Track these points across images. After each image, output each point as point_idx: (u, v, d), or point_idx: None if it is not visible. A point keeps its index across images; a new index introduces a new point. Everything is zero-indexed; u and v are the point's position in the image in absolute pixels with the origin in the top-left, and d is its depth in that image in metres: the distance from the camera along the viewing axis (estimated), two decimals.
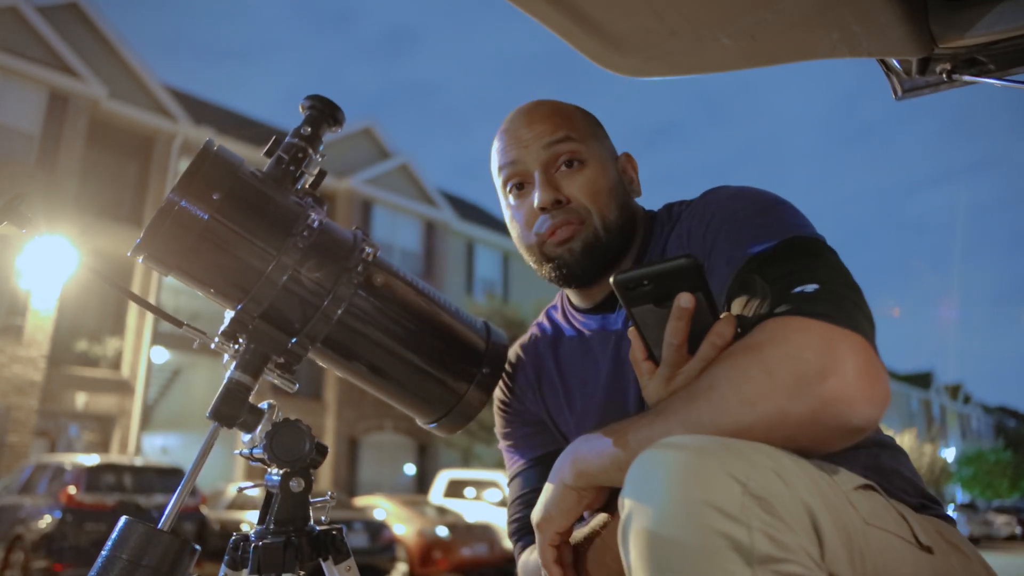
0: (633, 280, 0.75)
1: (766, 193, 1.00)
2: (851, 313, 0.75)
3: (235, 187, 0.96)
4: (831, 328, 0.72)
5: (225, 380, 0.99)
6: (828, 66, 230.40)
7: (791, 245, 0.87)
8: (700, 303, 0.75)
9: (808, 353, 0.70)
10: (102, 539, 0.86)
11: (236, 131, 16.92)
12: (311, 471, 1.04)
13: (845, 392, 0.68)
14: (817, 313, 0.74)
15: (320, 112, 1.05)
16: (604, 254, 1.08)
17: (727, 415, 0.71)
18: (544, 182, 1.08)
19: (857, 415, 0.69)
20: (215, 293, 1.01)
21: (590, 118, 1.17)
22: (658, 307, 0.76)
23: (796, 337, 0.72)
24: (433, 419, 1.14)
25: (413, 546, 10.78)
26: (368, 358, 1.08)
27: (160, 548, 0.85)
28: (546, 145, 1.09)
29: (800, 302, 0.76)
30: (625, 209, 1.12)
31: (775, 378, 0.70)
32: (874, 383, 0.70)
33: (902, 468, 1.03)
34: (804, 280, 0.80)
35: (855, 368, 0.69)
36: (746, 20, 1.30)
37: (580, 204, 1.08)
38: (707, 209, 1.01)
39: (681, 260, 0.73)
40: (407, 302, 1.09)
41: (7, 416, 13.08)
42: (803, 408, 0.68)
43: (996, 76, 1.49)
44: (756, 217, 0.93)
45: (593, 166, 1.10)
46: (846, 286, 0.80)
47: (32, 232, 0.98)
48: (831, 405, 0.68)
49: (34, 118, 14.41)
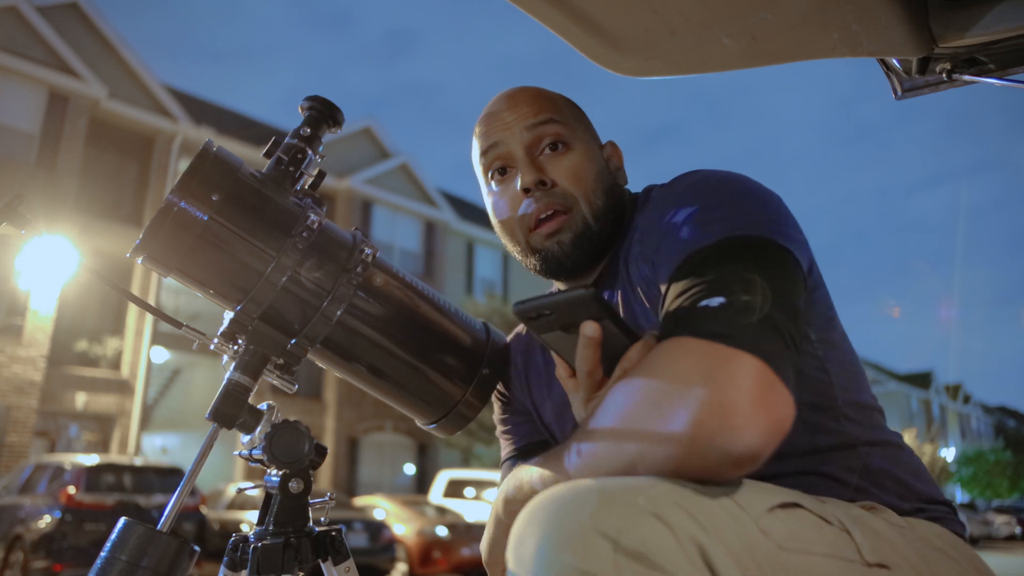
0: (534, 311, 0.74)
1: (737, 183, 0.92)
2: (751, 331, 0.69)
3: (234, 188, 0.96)
4: (720, 350, 0.67)
5: (224, 381, 0.99)
6: (827, 67, 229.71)
7: (723, 248, 0.81)
8: (608, 329, 0.75)
9: (692, 378, 0.65)
10: (102, 539, 0.85)
11: (236, 131, 16.92)
12: (310, 472, 1.04)
13: (725, 420, 0.62)
14: (708, 332, 0.69)
15: (319, 113, 1.04)
16: (594, 244, 1.04)
17: (614, 453, 0.68)
18: (528, 162, 1.04)
19: (740, 444, 0.62)
20: (214, 294, 1.01)
21: (573, 105, 1.14)
22: (566, 333, 0.76)
23: (682, 362, 0.68)
24: (433, 420, 1.14)
25: (413, 546, 10.78)
26: (367, 359, 1.08)
27: (159, 549, 0.85)
28: (529, 127, 1.06)
29: (696, 320, 0.72)
30: (612, 195, 1.07)
31: (659, 409, 0.66)
32: (765, 409, 0.64)
33: (896, 468, 0.96)
34: (714, 291, 0.74)
35: (740, 393, 0.64)
36: (746, 20, 1.30)
37: (565, 189, 1.03)
38: (669, 198, 0.95)
39: (579, 292, 0.72)
40: (406, 303, 1.09)
41: (7, 416, 13.07)
42: (682, 439, 0.63)
43: (996, 76, 1.49)
44: (707, 212, 0.87)
45: (578, 150, 1.06)
46: (762, 299, 0.73)
47: (32, 232, 0.98)
48: (710, 435, 0.62)
49: (34, 118, 14.40)
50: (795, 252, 0.83)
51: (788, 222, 0.88)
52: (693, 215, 0.87)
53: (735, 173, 0.93)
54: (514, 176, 1.06)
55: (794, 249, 0.83)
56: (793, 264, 0.82)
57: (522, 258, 1.09)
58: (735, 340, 0.68)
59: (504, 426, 1.24)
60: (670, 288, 0.81)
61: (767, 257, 0.80)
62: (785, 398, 0.66)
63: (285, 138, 1.04)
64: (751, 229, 0.83)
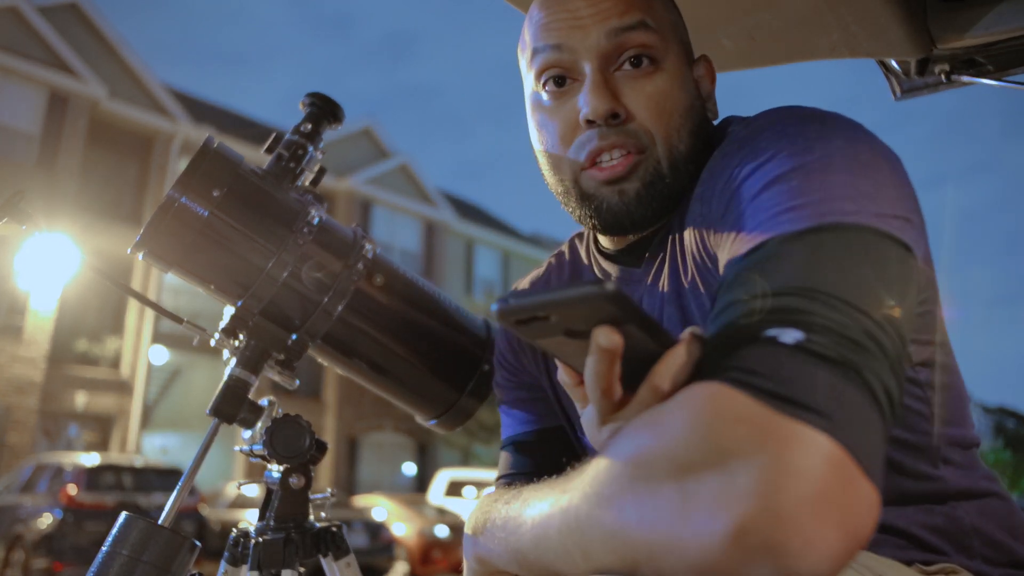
0: (524, 312, 0.51)
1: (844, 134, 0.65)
2: (834, 395, 0.47)
3: (235, 184, 0.97)
4: (783, 424, 0.45)
5: (225, 377, 0.99)
6: (822, 70, 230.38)
7: (812, 242, 0.56)
8: (631, 335, 0.52)
9: (733, 460, 0.45)
10: (102, 538, 0.86)
11: (236, 131, 16.92)
12: (311, 467, 1.04)
13: (778, 531, 0.43)
14: (770, 392, 0.47)
15: (320, 109, 1.05)
16: (663, 199, 0.79)
17: (616, 541, 0.49)
18: (599, 83, 0.77)
19: (796, 565, 0.43)
20: (215, 290, 1.01)
21: (670, 2, 0.85)
22: (571, 339, 0.54)
23: (722, 431, 0.46)
24: (433, 416, 1.14)
25: (413, 546, 10.78)
26: (368, 355, 1.08)
27: (160, 544, 0.85)
28: (612, 31, 0.77)
29: (757, 362, 0.49)
30: (698, 136, 0.81)
31: (684, 493, 0.46)
32: (836, 517, 0.44)
33: (989, 526, 0.75)
34: (788, 318, 0.51)
35: (804, 493, 0.43)
36: (745, 21, 1.30)
37: (641, 125, 0.77)
38: (748, 144, 0.69)
39: (589, 289, 0.49)
40: (407, 299, 1.09)
41: (7, 416, 13.07)
42: (713, 548, 0.44)
43: (995, 77, 1.49)
44: (795, 178, 0.61)
45: (669, 72, 0.79)
46: (856, 335, 0.50)
47: (32, 228, 0.98)
48: (753, 549, 0.43)
49: (34, 118, 14.40)
50: (913, 246, 0.59)
51: (908, 198, 0.64)
52: (776, 179, 0.62)
53: (844, 118, 0.69)
54: (575, 92, 0.79)
55: (913, 241, 0.60)
56: (908, 267, 0.58)
57: (563, 200, 0.84)
58: (807, 409, 0.46)
59: (503, 400, 1.00)
60: (728, 286, 0.59)
61: (876, 260, 0.56)
62: (867, 500, 0.46)
63: (286, 135, 1.05)
64: (859, 213, 0.58)
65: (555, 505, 0.56)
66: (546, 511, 0.57)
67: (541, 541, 0.57)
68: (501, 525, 0.64)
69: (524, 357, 0.98)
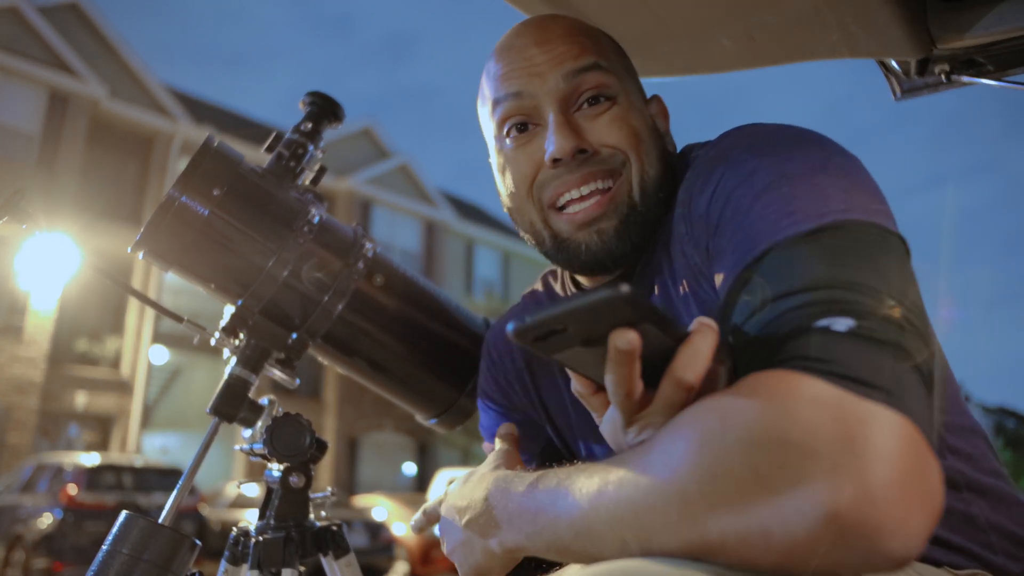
0: (543, 327, 0.51)
1: (813, 144, 0.69)
2: (895, 376, 0.49)
3: (236, 183, 0.97)
4: (859, 405, 0.46)
5: (225, 376, 0.99)
6: (821, 72, 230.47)
7: (822, 240, 0.58)
8: (647, 333, 0.53)
9: (816, 443, 0.45)
10: (102, 538, 0.86)
11: (236, 130, 16.92)
12: (311, 466, 1.04)
13: (872, 511, 0.43)
14: (840, 375, 0.48)
15: (320, 108, 1.05)
16: (640, 230, 0.80)
17: (683, 522, 0.48)
18: (562, 123, 0.78)
19: (888, 546, 0.44)
20: (216, 289, 1.01)
21: (617, 45, 0.88)
22: (588, 348, 0.54)
23: (802, 415, 0.46)
24: (434, 415, 1.14)
25: (413, 546, 10.78)
26: (369, 354, 1.08)
27: (161, 543, 0.85)
28: (568, 74, 0.79)
29: (818, 349, 0.50)
30: (665, 163, 0.83)
31: (762, 476, 0.45)
32: (921, 495, 0.45)
33: (1006, 519, 0.76)
34: (836, 307, 0.52)
35: (889, 474, 0.44)
36: (745, 21, 1.30)
37: (614, 152, 0.80)
38: (724, 163, 0.71)
39: (606, 294, 0.49)
40: (407, 298, 1.09)
41: (7, 416, 13.07)
42: (800, 530, 0.44)
43: (994, 77, 1.49)
44: (781, 185, 0.63)
45: (625, 105, 0.82)
46: (905, 322, 0.53)
47: (32, 228, 0.98)
48: (847, 528, 0.43)
49: (34, 118, 14.41)
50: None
51: (878, 191, 0.67)
52: (765, 190, 0.64)
53: (803, 129, 0.72)
54: (538, 136, 0.81)
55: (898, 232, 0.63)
56: (907, 255, 0.61)
57: (537, 245, 0.85)
58: (880, 390, 0.47)
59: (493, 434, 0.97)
60: (746, 288, 0.60)
61: (883, 251, 0.58)
62: (937, 474, 0.47)
63: (286, 134, 1.05)
64: (850, 210, 0.60)
65: (601, 495, 0.54)
66: (588, 502, 0.55)
67: (584, 532, 0.55)
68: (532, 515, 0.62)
69: (513, 394, 0.98)
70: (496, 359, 0.99)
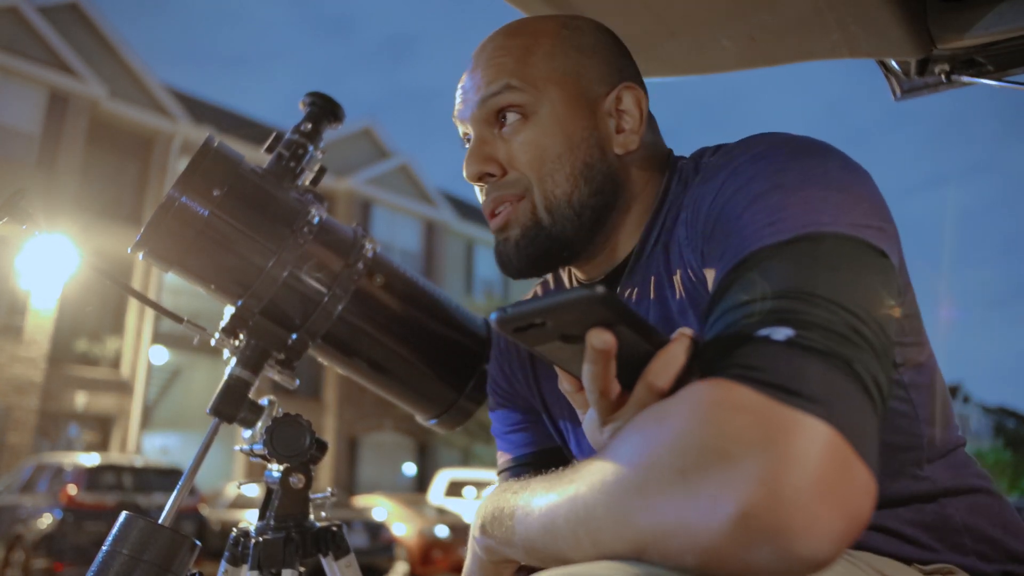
0: (522, 319, 0.55)
1: (817, 155, 0.69)
2: (827, 384, 0.50)
3: (236, 183, 0.97)
4: (782, 412, 0.48)
5: (225, 376, 0.99)
6: (819, 73, 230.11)
7: (796, 250, 0.60)
8: (624, 336, 0.56)
9: (739, 446, 0.47)
10: (102, 538, 0.86)
11: (236, 131, 16.92)
12: (311, 467, 1.04)
13: (782, 513, 0.45)
14: (767, 383, 0.50)
15: (320, 108, 1.05)
16: (549, 243, 0.83)
17: (622, 526, 0.51)
18: (472, 150, 0.85)
19: (800, 547, 0.45)
20: (215, 289, 1.01)
21: (574, 44, 0.87)
22: (567, 344, 0.58)
23: (729, 419, 0.49)
24: (434, 415, 1.14)
25: (413, 546, 10.79)
26: (368, 354, 1.08)
27: (161, 543, 0.85)
28: (482, 100, 0.84)
29: (753, 358, 0.52)
30: (586, 175, 0.83)
31: (687, 479, 0.48)
32: (837, 500, 0.47)
33: (981, 522, 0.78)
34: (779, 317, 0.54)
35: (805, 477, 0.46)
36: (746, 21, 1.30)
37: (520, 175, 0.83)
38: (727, 171, 0.73)
39: (582, 293, 0.53)
40: (407, 298, 1.09)
41: (7, 416, 13.07)
42: (719, 530, 0.46)
43: (994, 77, 1.49)
44: (777, 195, 0.65)
45: (542, 121, 0.83)
46: (844, 330, 0.54)
47: (32, 228, 0.98)
48: (758, 531, 0.45)
49: (34, 118, 14.41)
50: (890, 252, 0.63)
51: (879, 208, 0.67)
52: (757, 199, 0.66)
53: (812, 140, 0.73)
54: None
55: (888, 248, 0.64)
56: (887, 272, 0.62)
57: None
58: (804, 398, 0.49)
59: (500, 423, 1.02)
60: (720, 295, 0.62)
61: (855, 265, 0.60)
62: (864, 483, 0.49)
63: (286, 134, 1.05)
64: (835, 224, 0.62)
65: (563, 494, 0.58)
66: (554, 500, 0.59)
67: (549, 529, 0.59)
68: (510, 514, 0.67)
69: (516, 382, 1.00)
70: (504, 347, 1.02)
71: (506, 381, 1.01)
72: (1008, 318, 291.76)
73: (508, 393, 1.01)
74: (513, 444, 1.00)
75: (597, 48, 0.88)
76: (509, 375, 1.01)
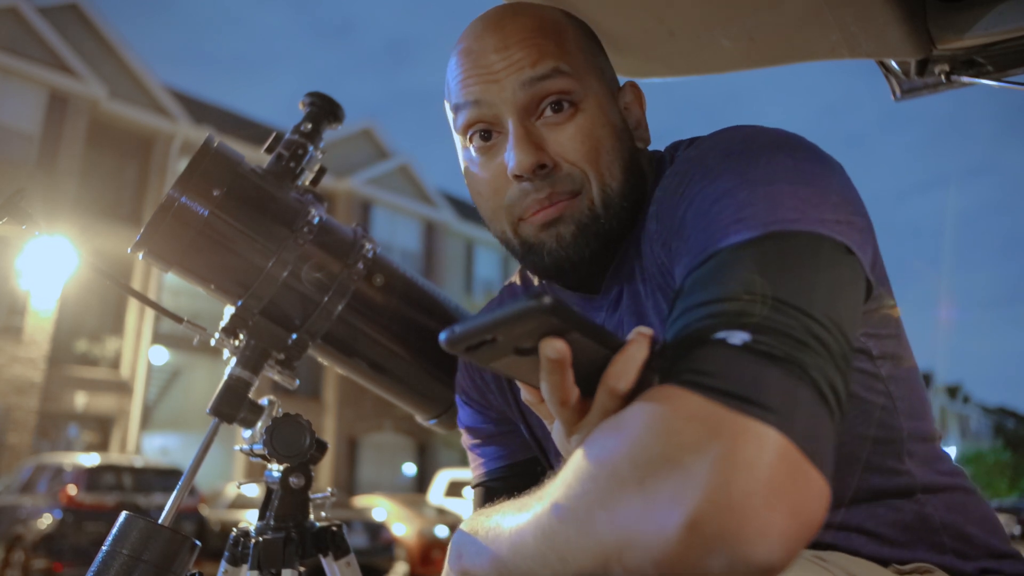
0: (472, 338, 0.52)
1: (787, 149, 0.68)
2: (780, 391, 0.50)
3: (236, 184, 0.97)
4: (732, 419, 0.48)
5: (225, 376, 0.99)
6: (817, 75, 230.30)
7: (757, 250, 0.59)
8: (578, 343, 0.54)
9: (688, 457, 0.47)
10: (102, 539, 0.86)
11: (236, 131, 16.92)
12: (311, 467, 1.04)
13: (732, 520, 0.45)
14: (719, 390, 0.49)
15: (320, 108, 1.05)
16: (602, 239, 0.79)
17: (587, 540, 0.51)
18: (522, 137, 0.77)
19: (750, 553, 0.45)
20: (215, 289, 1.01)
21: (581, 34, 0.84)
22: (522, 356, 0.55)
23: (679, 427, 0.49)
24: (433, 415, 1.14)
25: (413, 546, 10.79)
26: (368, 354, 1.08)
27: (161, 543, 0.85)
28: (527, 82, 0.77)
29: (706, 363, 0.52)
30: (631, 169, 0.81)
31: (644, 490, 0.48)
32: (786, 506, 0.46)
33: (958, 519, 0.77)
34: (735, 320, 0.54)
35: (754, 483, 0.46)
36: (745, 21, 1.30)
37: (572, 169, 0.78)
38: (695, 164, 0.71)
39: (527, 304, 0.50)
40: (407, 298, 1.09)
41: (7, 416, 13.08)
42: (673, 540, 0.46)
43: (994, 77, 1.49)
44: (742, 191, 0.64)
45: (590, 111, 0.79)
46: (801, 334, 0.53)
47: (32, 228, 0.98)
48: (710, 538, 0.45)
49: (34, 118, 14.41)
50: (857, 249, 0.63)
51: (850, 202, 0.66)
52: (724, 194, 0.65)
53: (785, 133, 0.71)
54: (501, 145, 0.80)
55: (855, 245, 0.63)
56: (852, 270, 0.62)
57: (508, 248, 0.85)
58: (756, 405, 0.49)
59: (472, 435, 1.00)
60: (680, 294, 0.62)
61: (819, 265, 0.59)
62: (817, 489, 0.48)
63: (286, 134, 1.05)
64: (801, 221, 0.61)
65: (530, 513, 0.58)
66: (522, 520, 0.59)
67: (519, 549, 0.58)
68: (483, 536, 0.66)
69: (489, 393, 0.97)
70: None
71: (477, 392, 0.99)
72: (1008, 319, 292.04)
73: (480, 404, 0.99)
74: (488, 456, 0.98)
75: (599, 44, 0.87)
76: (481, 386, 0.98)
